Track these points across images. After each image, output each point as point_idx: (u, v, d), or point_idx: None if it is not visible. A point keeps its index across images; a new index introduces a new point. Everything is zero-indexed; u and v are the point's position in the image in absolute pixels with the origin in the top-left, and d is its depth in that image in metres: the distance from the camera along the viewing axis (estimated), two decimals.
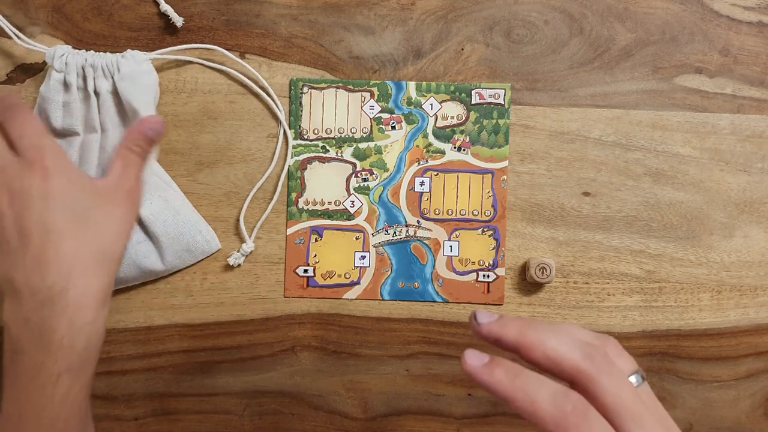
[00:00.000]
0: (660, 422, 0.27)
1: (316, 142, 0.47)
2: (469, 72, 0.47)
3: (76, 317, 0.35)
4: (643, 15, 0.47)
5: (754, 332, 0.47)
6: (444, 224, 0.47)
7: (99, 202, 0.37)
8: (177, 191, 0.46)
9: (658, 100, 0.47)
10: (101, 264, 0.37)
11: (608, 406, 0.26)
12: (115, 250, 0.38)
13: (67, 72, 0.43)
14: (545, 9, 0.47)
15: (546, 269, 0.45)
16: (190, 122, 0.47)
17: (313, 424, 0.47)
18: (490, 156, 0.47)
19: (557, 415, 0.26)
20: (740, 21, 0.47)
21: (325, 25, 0.47)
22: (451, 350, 0.47)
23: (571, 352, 0.27)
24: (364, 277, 0.47)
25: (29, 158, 0.36)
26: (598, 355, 0.27)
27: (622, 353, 0.29)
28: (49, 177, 0.36)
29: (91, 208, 0.37)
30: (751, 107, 0.47)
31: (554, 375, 0.28)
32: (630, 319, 0.47)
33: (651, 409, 0.27)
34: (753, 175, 0.47)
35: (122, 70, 0.43)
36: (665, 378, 0.47)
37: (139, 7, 0.46)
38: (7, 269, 0.35)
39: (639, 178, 0.47)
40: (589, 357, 0.27)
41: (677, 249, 0.47)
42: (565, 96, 0.47)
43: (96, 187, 0.38)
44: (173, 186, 0.46)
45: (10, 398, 0.35)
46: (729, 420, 0.47)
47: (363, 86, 0.47)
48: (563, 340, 0.28)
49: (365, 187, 0.47)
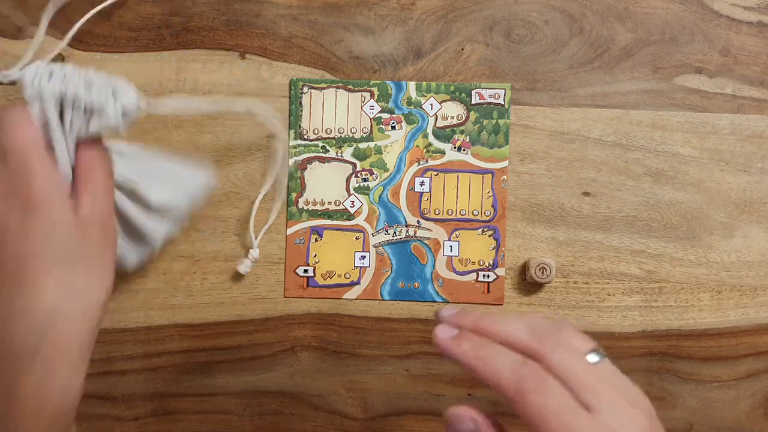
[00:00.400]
0: (622, 394, 0.28)
1: (316, 142, 0.47)
2: (469, 72, 0.47)
3: (47, 378, 0.30)
4: (643, 15, 0.47)
5: (754, 332, 0.47)
6: (444, 224, 0.47)
7: (82, 242, 0.32)
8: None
9: (658, 100, 0.47)
10: (82, 316, 0.31)
11: (562, 379, 0.28)
12: (99, 298, 0.32)
13: (43, 103, 0.32)
14: (545, 9, 0.47)
15: (546, 269, 0.45)
16: (190, 122, 0.47)
17: (313, 424, 0.47)
18: (490, 156, 0.47)
19: (517, 381, 0.28)
20: (740, 21, 0.47)
21: (325, 25, 0.47)
22: None
23: (522, 333, 0.30)
24: (364, 277, 0.47)
25: (14, 180, 0.30)
26: (548, 335, 0.30)
27: (576, 334, 0.31)
28: (32, 210, 0.30)
29: (75, 251, 0.31)
30: (751, 107, 0.47)
31: None
32: (630, 319, 0.47)
33: (611, 382, 0.29)
34: (753, 175, 0.47)
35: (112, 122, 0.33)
36: (665, 378, 0.47)
37: (139, 7, 0.46)
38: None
39: (639, 178, 0.47)
40: (538, 337, 0.30)
41: (677, 249, 0.47)
42: (565, 96, 0.47)
43: (80, 223, 0.32)
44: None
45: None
46: (729, 420, 0.47)
47: (363, 86, 0.47)
48: (515, 325, 0.30)
49: (365, 187, 0.47)
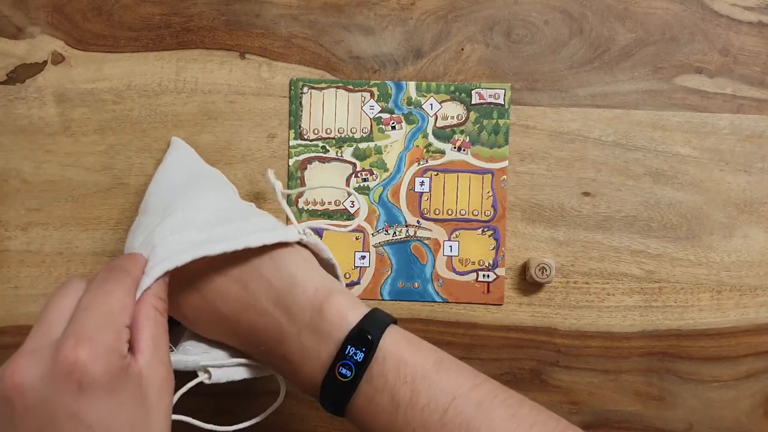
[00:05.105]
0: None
1: (316, 142, 0.47)
2: (469, 72, 0.47)
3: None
4: (643, 15, 0.47)
5: (754, 332, 0.47)
6: (444, 224, 0.47)
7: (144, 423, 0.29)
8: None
9: (658, 100, 0.47)
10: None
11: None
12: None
13: None
14: (545, 9, 0.47)
15: (546, 269, 0.45)
16: (190, 122, 0.47)
17: (313, 424, 0.47)
18: (490, 156, 0.47)
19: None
20: (740, 21, 0.47)
21: (325, 25, 0.47)
22: (451, 350, 0.46)
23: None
24: (364, 277, 0.47)
25: (65, 355, 0.27)
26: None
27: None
28: (84, 393, 0.27)
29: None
30: (751, 107, 0.47)
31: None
32: (630, 319, 0.47)
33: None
34: (753, 175, 0.47)
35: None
36: (665, 378, 0.47)
37: (139, 7, 0.46)
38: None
39: (639, 178, 0.47)
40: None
41: (677, 249, 0.47)
42: (565, 96, 0.47)
43: (144, 401, 0.29)
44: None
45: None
46: (729, 420, 0.47)
47: (363, 86, 0.47)
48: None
49: (365, 187, 0.47)
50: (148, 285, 0.32)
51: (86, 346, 0.27)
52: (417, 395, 0.33)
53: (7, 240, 0.46)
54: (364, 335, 0.33)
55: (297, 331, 0.34)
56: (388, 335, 0.34)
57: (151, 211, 0.40)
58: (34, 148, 0.46)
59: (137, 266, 0.33)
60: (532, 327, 0.47)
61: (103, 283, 0.31)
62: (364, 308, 0.35)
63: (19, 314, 0.46)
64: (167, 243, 0.34)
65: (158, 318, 0.32)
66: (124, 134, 0.46)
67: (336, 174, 0.47)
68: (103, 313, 0.29)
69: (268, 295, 0.35)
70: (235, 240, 0.34)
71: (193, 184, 0.41)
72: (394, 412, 0.33)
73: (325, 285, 0.36)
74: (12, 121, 0.46)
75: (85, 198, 0.46)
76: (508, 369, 0.47)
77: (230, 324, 0.36)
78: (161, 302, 0.32)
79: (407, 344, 0.35)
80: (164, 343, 0.32)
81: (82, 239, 0.46)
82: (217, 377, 0.37)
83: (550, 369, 0.47)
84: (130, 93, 0.47)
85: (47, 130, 0.46)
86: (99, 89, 0.46)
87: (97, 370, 0.27)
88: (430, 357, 0.34)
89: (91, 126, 0.46)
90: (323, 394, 0.34)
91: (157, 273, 0.32)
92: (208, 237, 0.35)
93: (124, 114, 0.46)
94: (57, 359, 0.27)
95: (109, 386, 0.27)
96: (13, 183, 0.46)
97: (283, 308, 0.35)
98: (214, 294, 0.36)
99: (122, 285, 0.31)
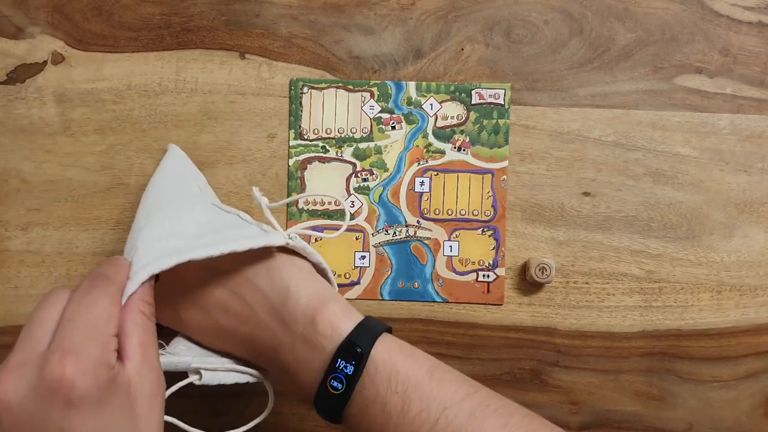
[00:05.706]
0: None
1: (316, 142, 0.47)
2: (469, 72, 0.47)
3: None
4: (643, 15, 0.47)
5: (754, 332, 0.47)
6: (444, 224, 0.47)
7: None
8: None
9: (658, 100, 0.47)
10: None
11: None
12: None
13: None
14: (545, 9, 0.47)
15: (546, 269, 0.45)
16: (190, 122, 0.47)
17: (313, 424, 0.47)
18: (490, 156, 0.47)
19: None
20: (740, 21, 0.47)
21: (325, 25, 0.47)
22: (451, 350, 0.47)
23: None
24: (364, 277, 0.47)
25: (51, 370, 0.27)
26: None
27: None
28: (73, 408, 0.26)
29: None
30: (751, 107, 0.47)
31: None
32: (630, 319, 0.47)
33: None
34: (753, 175, 0.47)
35: None
36: (665, 378, 0.47)
37: (139, 7, 0.46)
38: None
39: (639, 178, 0.47)
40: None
41: (677, 249, 0.47)
42: (565, 96, 0.47)
43: (134, 409, 0.29)
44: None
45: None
46: (729, 420, 0.47)
47: (363, 86, 0.47)
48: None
49: (365, 187, 0.47)
50: (134, 290, 0.31)
51: (72, 360, 0.27)
52: (409, 405, 0.33)
53: (7, 240, 0.46)
54: (353, 348, 0.33)
55: (292, 342, 0.35)
56: (380, 344, 0.34)
57: (140, 218, 0.40)
58: (34, 148, 0.46)
59: (121, 272, 0.32)
60: (532, 327, 0.47)
61: (87, 292, 0.30)
62: (357, 316, 0.35)
63: (19, 314, 0.46)
64: (152, 248, 0.34)
65: (146, 323, 0.31)
66: (124, 134, 0.46)
67: (336, 174, 0.47)
68: (89, 324, 0.28)
69: (264, 307, 0.35)
70: (222, 245, 0.34)
71: (183, 194, 0.41)
72: (386, 422, 0.33)
73: (318, 294, 0.36)
74: (12, 121, 0.46)
75: (85, 198, 0.46)
76: (508, 369, 0.47)
77: (232, 336, 0.36)
78: (148, 306, 0.32)
79: (400, 353, 0.35)
80: (153, 348, 0.31)
81: (82, 239, 0.46)
82: (207, 379, 0.37)
83: (550, 369, 0.47)
84: (130, 93, 0.47)
85: (47, 130, 0.46)
86: (99, 89, 0.46)
87: (85, 384, 0.26)
88: (423, 366, 0.34)
89: (91, 126, 0.46)
90: (317, 405, 0.35)
91: (143, 277, 0.32)
92: (198, 244, 0.35)
93: (124, 114, 0.46)
94: (43, 374, 0.26)
95: (97, 399, 0.27)
96: (13, 183, 0.46)
97: (278, 319, 0.35)
98: (216, 308, 0.36)
99: (106, 293, 0.30)
